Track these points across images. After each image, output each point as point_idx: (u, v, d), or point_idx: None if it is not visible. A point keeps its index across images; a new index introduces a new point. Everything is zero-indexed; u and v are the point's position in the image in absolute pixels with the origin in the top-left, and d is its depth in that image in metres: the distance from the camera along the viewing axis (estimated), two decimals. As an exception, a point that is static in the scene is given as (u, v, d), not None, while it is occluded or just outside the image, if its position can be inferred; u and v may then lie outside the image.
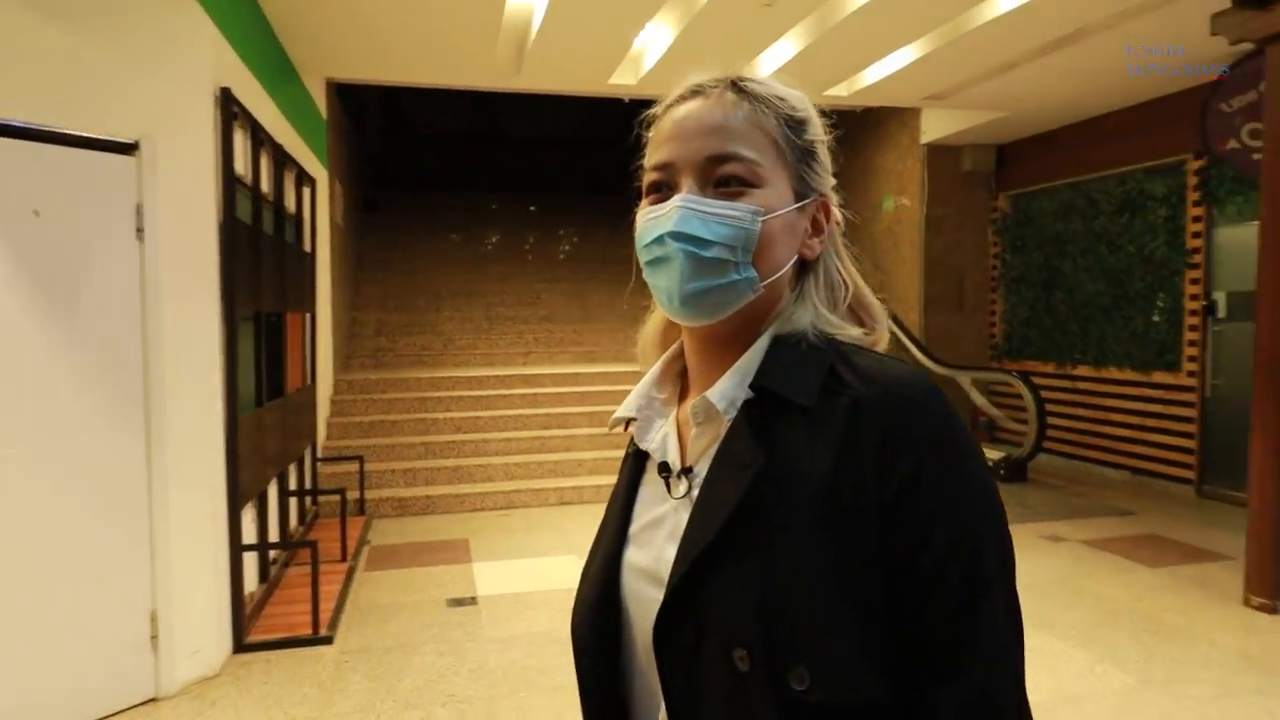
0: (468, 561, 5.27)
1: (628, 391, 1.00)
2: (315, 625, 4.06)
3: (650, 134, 0.92)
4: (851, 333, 0.88)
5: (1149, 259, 7.02)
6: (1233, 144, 5.80)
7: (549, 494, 6.68)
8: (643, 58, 6.52)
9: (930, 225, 8.59)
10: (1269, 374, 4.31)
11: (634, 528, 0.91)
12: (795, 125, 0.88)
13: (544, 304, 10.43)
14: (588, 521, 6.19)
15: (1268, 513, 4.30)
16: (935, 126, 8.25)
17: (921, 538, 0.74)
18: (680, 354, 0.96)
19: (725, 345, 0.87)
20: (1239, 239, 6.48)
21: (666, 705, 0.81)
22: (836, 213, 0.92)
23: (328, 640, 4.00)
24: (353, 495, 6.20)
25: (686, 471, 0.87)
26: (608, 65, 6.32)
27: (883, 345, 0.90)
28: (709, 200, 0.83)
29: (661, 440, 0.91)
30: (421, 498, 6.49)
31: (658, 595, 0.82)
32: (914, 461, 0.75)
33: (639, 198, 0.92)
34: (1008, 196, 8.65)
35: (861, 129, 9.27)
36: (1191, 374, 6.74)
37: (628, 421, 0.96)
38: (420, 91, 8.67)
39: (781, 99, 0.88)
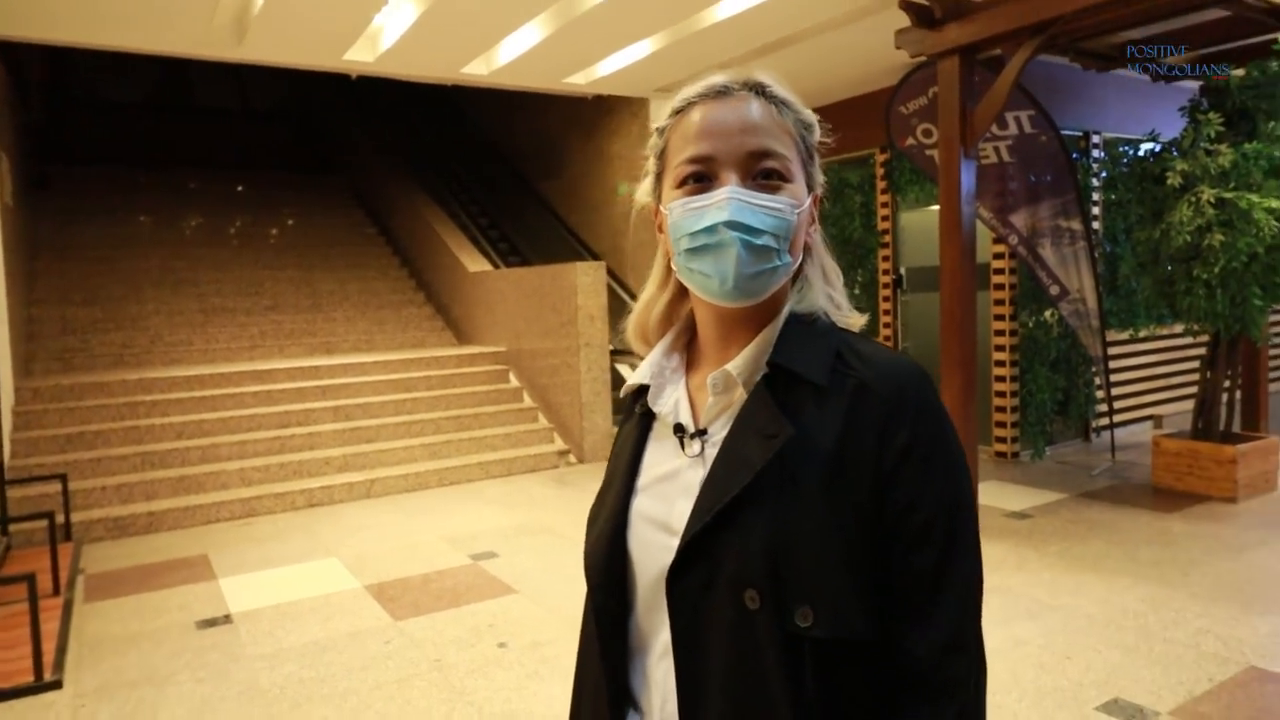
0: (211, 579, 4.84)
1: (374, 383, 1.10)
2: (38, 670, 3.55)
3: (668, 129, 0.99)
4: (851, 320, 1.01)
5: (849, 240, 7.95)
6: (910, 141, 6.71)
7: (295, 497, 6.28)
8: (381, 35, 6.24)
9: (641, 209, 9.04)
10: (951, 337, 5.08)
11: (642, 480, 1.01)
12: (807, 128, 0.99)
13: (268, 293, 9.66)
14: (342, 522, 5.92)
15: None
16: (662, 116, 8.65)
17: (911, 502, 0.88)
18: (686, 329, 1.06)
19: (745, 323, 0.97)
20: (916, 222, 7.54)
21: (673, 636, 0.92)
22: None
23: (55, 685, 3.52)
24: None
25: (701, 434, 0.97)
26: (344, 40, 5.99)
27: (859, 324, 1.03)
28: (756, 193, 0.92)
29: (674, 404, 1.01)
30: (142, 515, 5.82)
31: (667, 541, 0.94)
32: (908, 438, 0.89)
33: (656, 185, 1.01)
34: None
35: (595, 116, 9.54)
36: (887, 339, 7.74)
37: (640, 389, 1.06)
38: (94, 53, 7.59)
39: (796, 104, 0.98)
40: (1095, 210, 6.91)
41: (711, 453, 0.95)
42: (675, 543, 0.93)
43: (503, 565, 4.91)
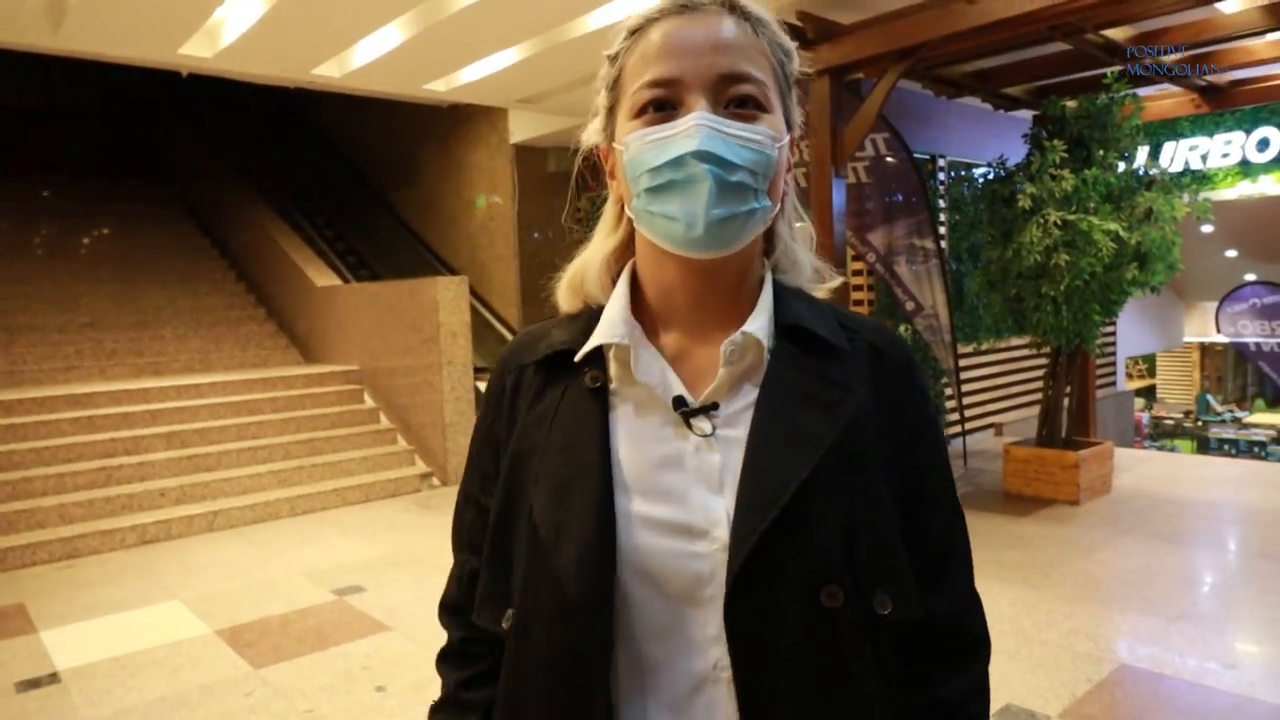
0: (31, 631, 4.23)
1: (212, 406, 0.89)
2: None
3: (622, 53, 0.84)
4: (832, 283, 0.91)
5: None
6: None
7: (125, 534, 5.63)
8: (222, 29, 5.75)
9: (522, 223, 8.88)
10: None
11: (628, 473, 0.81)
12: (786, 54, 0.85)
13: (84, 309, 8.71)
14: (183, 560, 5.36)
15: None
16: (522, 128, 8.53)
17: (925, 466, 0.86)
18: (633, 286, 0.88)
19: (717, 282, 0.84)
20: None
21: (734, 658, 0.76)
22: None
23: None
24: None
25: (709, 409, 0.81)
26: (179, 33, 5.48)
27: (835, 286, 0.93)
28: (730, 121, 0.77)
29: (662, 374, 0.83)
30: (-62, 561, 5.06)
31: (692, 547, 0.78)
32: (919, 406, 0.87)
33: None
34: (588, 196, 9.27)
35: (451, 126, 9.24)
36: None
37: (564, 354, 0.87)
38: None
39: (775, 25, 0.84)
40: (941, 230, 7.31)
41: (726, 432, 0.80)
42: (706, 548, 0.77)
43: (371, 600, 4.56)
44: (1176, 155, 8.56)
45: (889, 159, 6.37)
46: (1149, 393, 18.17)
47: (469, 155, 9.23)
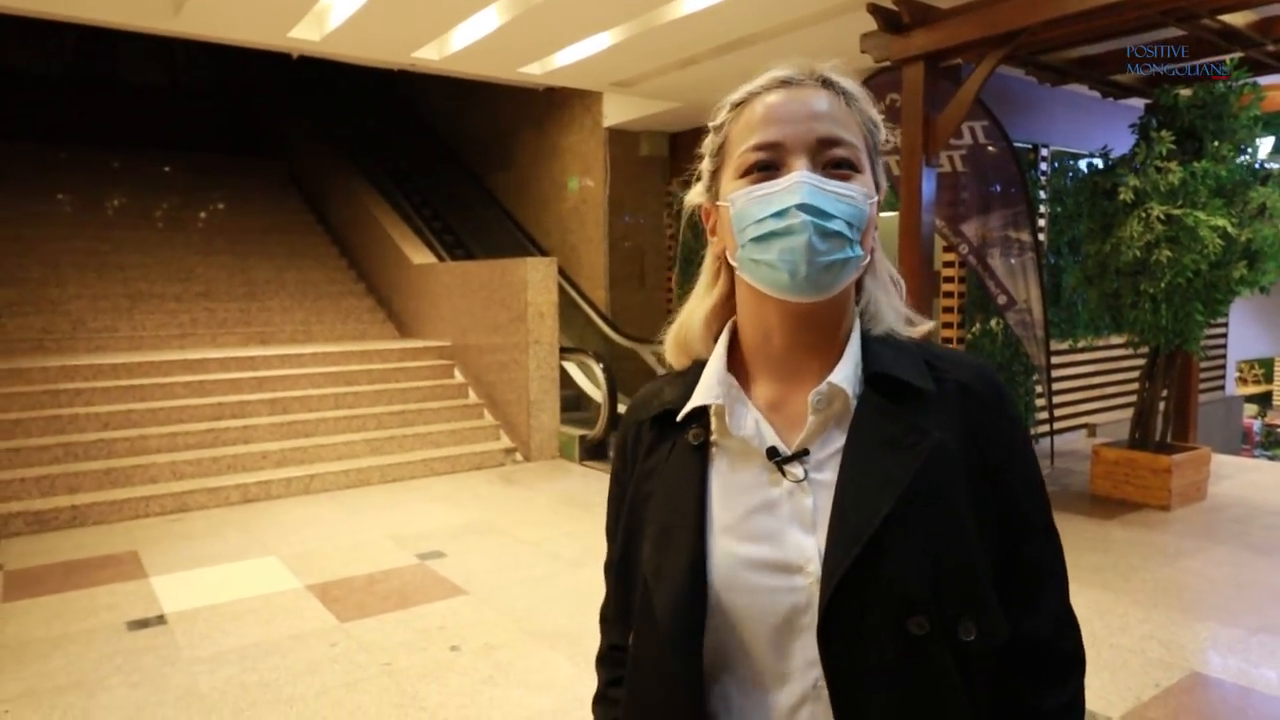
0: (143, 577, 4.58)
1: (312, 375, 0.98)
2: (-48, 676, 3.30)
3: (726, 124, 0.94)
4: (921, 328, 0.97)
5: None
6: (867, 147, 6.77)
7: (229, 492, 6.00)
8: (329, 13, 6.01)
9: (613, 206, 8.98)
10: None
11: (724, 520, 0.90)
12: (874, 126, 0.94)
13: (199, 279, 9.25)
14: (280, 519, 5.68)
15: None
16: (615, 111, 8.62)
17: (1017, 493, 0.92)
18: (733, 342, 0.98)
19: (813, 329, 0.91)
20: (868, 229, 7.60)
21: (831, 686, 0.83)
22: None
23: (-28, 691, 3.27)
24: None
25: (800, 455, 0.89)
26: (289, 16, 5.75)
27: (925, 332, 0.99)
28: (827, 179, 0.87)
29: (755, 426, 0.92)
30: (65, 509, 5.49)
31: (788, 582, 0.86)
32: (1008, 436, 0.92)
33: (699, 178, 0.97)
34: (679, 181, 9.31)
35: (546, 109, 9.40)
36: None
37: (668, 413, 0.97)
38: (5, 18, 7.07)
39: (864, 99, 0.93)
40: (1041, 222, 7.07)
41: (817, 476, 0.88)
42: (802, 581, 0.85)
43: (451, 565, 4.76)
44: (1303, 148, 8.03)
45: (988, 148, 6.19)
46: (1264, 399, 17.14)
47: (563, 138, 9.38)
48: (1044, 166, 7.14)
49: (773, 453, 0.90)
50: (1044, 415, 7.04)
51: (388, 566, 4.74)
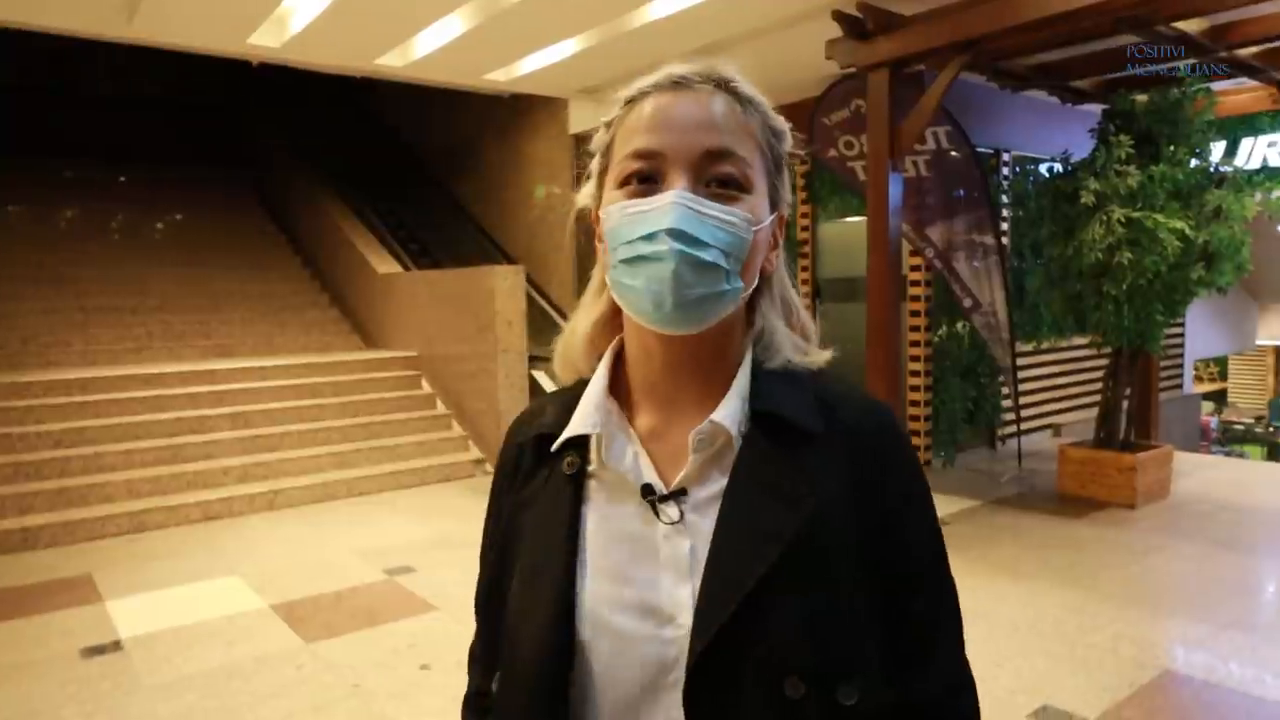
0: (98, 601, 4.44)
1: (276, 388, 0.89)
2: (-104, 710, 3.16)
3: (616, 122, 0.85)
4: (818, 359, 0.88)
5: (768, 250, 7.99)
6: (832, 152, 6.79)
7: (190, 510, 5.86)
8: (290, 19, 5.91)
9: (580, 213, 8.92)
10: (877, 346, 5.14)
11: (592, 557, 0.82)
12: (776, 134, 0.86)
13: (155, 291, 9.03)
14: (243, 536, 5.55)
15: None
16: (582, 119, 8.58)
17: (909, 546, 0.83)
18: (615, 364, 0.89)
19: (699, 362, 0.84)
20: (833, 233, 7.64)
21: None
22: None
23: (-83, 726, 3.14)
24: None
25: (677, 495, 0.81)
26: (248, 22, 5.65)
27: (823, 361, 0.90)
28: (707, 201, 0.78)
29: (633, 460, 0.84)
30: (15, 530, 5.31)
31: (658, 631, 0.78)
32: (901, 484, 0.84)
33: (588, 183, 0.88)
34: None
35: (512, 117, 9.33)
36: (803, 350, 7.81)
37: (543, 439, 0.88)
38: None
39: (765, 106, 0.85)
40: (1004, 226, 7.15)
41: (695, 518, 0.80)
42: (671, 633, 0.77)
43: (420, 581, 4.67)
44: (1254, 151, 8.21)
45: (951, 153, 6.25)
46: (1219, 396, 17.54)
47: (529, 145, 9.32)
48: (1005, 171, 7.22)
49: (648, 490, 0.82)
50: (1010, 416, 7.12)
51: (355, 583, 4.65)
